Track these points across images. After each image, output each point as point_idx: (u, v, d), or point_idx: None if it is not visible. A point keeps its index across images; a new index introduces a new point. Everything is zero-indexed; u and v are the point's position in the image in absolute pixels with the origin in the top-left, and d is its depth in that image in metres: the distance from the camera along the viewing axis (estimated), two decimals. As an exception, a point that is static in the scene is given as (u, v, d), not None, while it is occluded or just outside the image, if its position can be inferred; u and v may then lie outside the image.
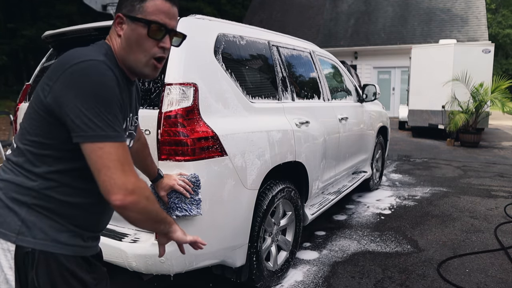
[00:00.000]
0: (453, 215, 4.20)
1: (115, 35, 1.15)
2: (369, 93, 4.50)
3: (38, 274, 1.06)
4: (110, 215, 1.29)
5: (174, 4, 1.16)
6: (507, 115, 9.81)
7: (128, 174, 1.01)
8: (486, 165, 7.00)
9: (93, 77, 0.99)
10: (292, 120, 2.76)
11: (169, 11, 1.13)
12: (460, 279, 2.79)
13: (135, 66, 1.14)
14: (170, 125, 1.92)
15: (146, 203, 1.05)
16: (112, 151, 0.99)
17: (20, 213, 1.07)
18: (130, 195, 1.00)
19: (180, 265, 1.97)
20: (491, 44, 10.68)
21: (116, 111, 1.02)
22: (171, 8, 1.14)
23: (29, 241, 1.06)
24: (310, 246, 3.37)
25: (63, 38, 2.48)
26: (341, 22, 18.61)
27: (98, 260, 1.27)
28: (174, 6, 1.16)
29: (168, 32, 1.14)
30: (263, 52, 2.75)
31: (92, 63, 1.01)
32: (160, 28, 1.11)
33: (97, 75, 1.00)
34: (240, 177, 2.17)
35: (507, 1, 35.04)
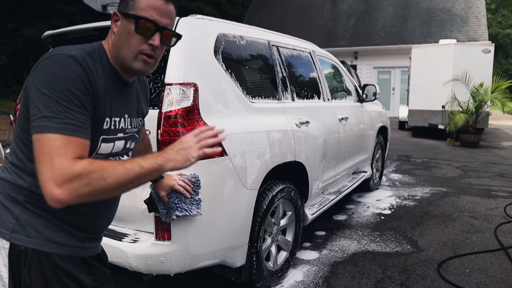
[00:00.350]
0: (453, 215, 4.20)
1: (111, 33, 1.15)
2: (369, 93, 4.50)
3: (30, 272, 1.06)
4: (109, 217, 1.28)
5: (169, 2, 1.12)
6: (507, 115, 9.82)
7: (55, 167, 0.92)
8: (486, 165, 7.00)
9: (54, 69, 0.99)
10: (292, 120, 2.76)
11: (161, 8, 1.09)
12: (460, 279, 2.79)
13: (125, 62, 1.12)
14: (170, 125, 1.92)
15: (87, 188, 0.93)
16: (46, 143, 0.93)
17: (15, 211, 1.07)
18: (59, 188, 0.91)
19: (180, 265, 1.97)
20: (491, 44, 10.68)
21: (70, 104, 0.97)
22: (164, 5, 1.10)
23: (23, 240, 1.06)
24: (310, 246, 3.37)
25: (63, 38, 2.48)
26: (341, 22, 18.61)
27: (101, 262, 1.27)
28: (169, 4, 1.12)
29: (159, 29, 1.10)
30: (263, 52, 2.75)
31: (59, 56, 1.01)
32: (148, 24, 1.08)
33: (58, 68, 0.99)
34: (240, 177, 2.17)
35: (507, 1, 35.04)
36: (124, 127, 1.19)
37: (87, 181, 0.93)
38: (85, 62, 1.03)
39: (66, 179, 0.91)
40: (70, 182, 0.91)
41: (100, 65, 1.10)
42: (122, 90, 1.18)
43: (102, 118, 1.10)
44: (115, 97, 1.14)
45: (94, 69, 1.06)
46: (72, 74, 0.99)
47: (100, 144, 1.11)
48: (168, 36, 1.13)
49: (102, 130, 1.11)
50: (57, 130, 0.94)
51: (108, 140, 1.14)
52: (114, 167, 0.97)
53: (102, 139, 1.12)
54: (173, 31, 1.15)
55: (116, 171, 0.97)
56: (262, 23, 17.99)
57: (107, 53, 1.14)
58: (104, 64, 1.11)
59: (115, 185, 0.97)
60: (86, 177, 0.93)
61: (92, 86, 1.03)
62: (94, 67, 1.07)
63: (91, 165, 0.94)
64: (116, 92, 1.15)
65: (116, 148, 1.18)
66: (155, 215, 1.92)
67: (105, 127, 1.11)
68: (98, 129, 1.09)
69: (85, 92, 1.01)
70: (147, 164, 1.02)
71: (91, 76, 1.03)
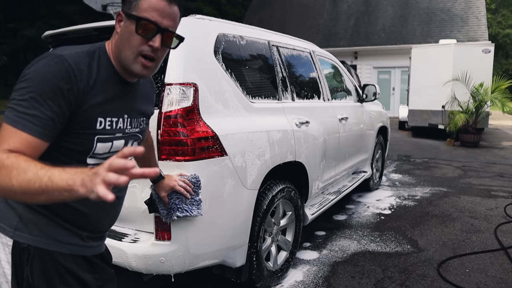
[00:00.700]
0: (453, 215, 4.20)
1: (115, 33, 1.15)
2: (369, 93, 4.50)
3: (32, 270, 1.07)
4: (112, 217, 1.28)
5: (173, 3, 1.10)
6: (507, 115, 9.81)
7: None
8: (486, 165, 6.99)
9: (36, 67, 1.01)
10: (292, 120, 2.76)
11: (164, 9, 1.08)
12: (460, 279, 2.79)
13: (125, 63, 1.11)
14: (170, 125, 1.92)
15: None
16: (1, 131, 0.97)
17: (18, 209, 1.08)
18: None
19: (180, 265, 1.97)
20: (491, 44, 10.68)
21: (33, 101, 0.97)
22: (167, 7, 1.09)
23: (26, 237, 1.07)
24: (310, 246, 3.37)
25: (63, 38, 2.48)
26: (341, 22, 18.61)
27: (104, 262, 1.27)
28: (173, 5, 1.10)
29: (161, 31, 1.09)
30: (263, 52, 2.75)
31: (48, 55, 1.03)
32: (149, 25, 1.07)
33: (40, 66, 1.00)
34: (240, 177, 2.17)
35: (507, 1, 35.04)
36: (123, 127, 1.19)
37: None
38: (73, 61, 1.03)
39: None
40: None
41: (96, 65, 1.09)
42: (122, 91, 1.17)
43: (94, 118, 1.09)
44: (113, 98, 1.14)
45: (86, 68, 1.06)
46: (49, 73, 0.99)
47: (95, 144, 1.11)
48: (169, 38, 1.12)
49: (96, 130, 1.10)
50: (11, 122, 0.97)
51: (104, 140, 1.13)
52: (26, 170, 0.87)
53: (97, 139, 1.11)
54: (175, 33, 1.13)
55: (25, 175, 0.87)
56: (262, 23, 17.98)
57: (108, 53, 1.14)
58: (103, 64, 1.11)
59: (19, 189, 0.87)
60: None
61: (74, 86, 1.02)
62: (88, 66, 1.06)
63: (7, 160, 0.89)
64: (114, 92, 1.14)
65: (114, 148, 1.17)
66: (155, 215, 1.92)
67: (99, 127, 1.11)
68: (90, 129, 1.09)
69: (58, 92, 1.00)
70: (58, 180, 0.85)
71: (77, 76, 1.03)
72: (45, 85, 0.98)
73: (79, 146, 1.08)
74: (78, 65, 1.03)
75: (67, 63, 1.01)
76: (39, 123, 0.98)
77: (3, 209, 1.10)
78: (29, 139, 0.97)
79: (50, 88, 0.99)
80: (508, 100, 9.54)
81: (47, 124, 0.99)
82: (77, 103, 1.04)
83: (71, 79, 1.01)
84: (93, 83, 1.07)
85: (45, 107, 0.98)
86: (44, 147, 1.00)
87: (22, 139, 0.96)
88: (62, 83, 1.00)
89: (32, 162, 0.91)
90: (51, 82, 0.99)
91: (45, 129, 0.99)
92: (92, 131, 1.09)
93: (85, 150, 1.10)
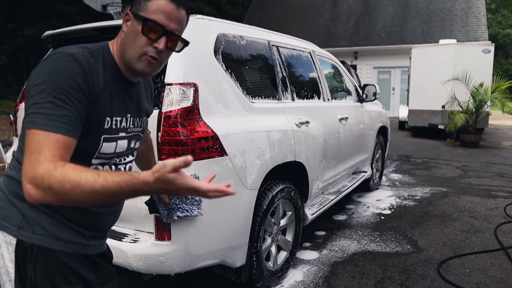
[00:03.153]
0: (453, 215, 4.20)
1: (121, 32, 1.15)
2: (369, 93, 4.50)
3: (36, 269, 1.08)
4: (114, 215, 1.29)
5: (181, 7, 1.11)
6: (507, 115, 9.81)
7: (30, 163, 0.93)
8: (486, 165, 6.99)
9: (50, 67, 1.00)
10: (292, 120, 2.76)
11: (171, 12, 1.09)
12: (460, 279, 2.79)
13: (129, 62, 1.12)
14: (170, 125, 1.92)
15: (52, 193, 0.91)
16: (30, 138, 0.95)
17: (22, 208, 1.09)
18: (29, 184, 0.92)
19: (180, 265, 1.97)
20: (491, 44, 10.68)
21: (58, 100, 0.97)
22: (175, 10, 1.09)
23: (29, 236, 1.08)
24: (310, 246, 3.37)
25: (63, 38, 2.48)
26: (341, 22, 18.61)
27: (106, 260, 1.28)
28: (181, 9, 1.11)
29: (166, 34, 1.09)
30: (263, 52, 2.75)
31: (58, 55, 1.02)
32: (155, 27, 1.08)
33: (54, 65, 1.00)
34: (240, 177, 2.17)
35: (507, 1, 35.04)
36: (126, 127, 1.19)
37: (48, 185, 0.90)
38: (84, 60, 1.03)
39: (32, 177, 0.91)
40: (35, 180, 0.91)
41: (102, 64, 1.10)
42: (125, 90, 1.18)
43: (102, 117, 1.10)
44: (117, 97, 1.15)
45: (94, 67, 1.06)
46: (66, 71, 0.99)
47: (102, 144, 1.12)
48: (174, 41, 1.12)
49: (103, 129, 1.11)
50: (41, 126, 0.95)
51: (110, 140, 1.14)
52: (81, 184, 0.89)
53: (103, 139, 1.12)
54: (180, 36, 1.14)
55: (69, 190, 0.89)
56: (262, 23, 17.98)
57: (112, 52, 1.14)
58: (107, 63, 1.12)
59: (80, 200, 0.91)
60: (48, 181, 0.90)
61: (89, 84, 1.03)
62: (95, 66, 1.07)
63: (55, 171, 0.90)
64: (118, 91, 1.15)
65: (119, 147, 1.18)
66: (155, 215, 1.92)
67: (106, 126, 1.12)
68: (98, 128, 1.09)
69: (78, 90, 1.00)
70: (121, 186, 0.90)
71: (88, 74, 1.03)
72: (65, 83, 0.98)
73: (87, 145, 1.09)
74: (88, 63, 1.04)
75: (80, 61, 1.02)
76: (70, 122, 0.98)
77: (7, 208, 1.10)
78: (65, 139, 0.97)
79: (71, 86, 0.99)
80: (508, 100, 9.54)
81: (76, 122, 1.00)
82: (91, 101, 1.05)
83: (86, 76, 1.03)
84: (102, 82, 1.08)
85: (70, 105, 0.98)
86: (74, 145, 1.01)
87: (58, 141, 0.95)
88: (80, 80, 1.01)
89: (79, 171, 0.92)
90: (71, 80, 0.99)
91: (75, 127, 1.00)
92: (99, 130, 1.10)
93: (92, 149, 1.11)
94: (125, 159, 1.24)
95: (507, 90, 9.43)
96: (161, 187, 0.90)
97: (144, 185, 0.90)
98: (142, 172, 0.91)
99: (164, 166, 0.88)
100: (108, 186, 0.90)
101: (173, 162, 0.88)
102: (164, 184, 0.89)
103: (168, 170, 0.87)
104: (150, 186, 0.89)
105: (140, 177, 0.90)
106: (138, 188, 0.90)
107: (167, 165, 0.88)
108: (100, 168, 1.16)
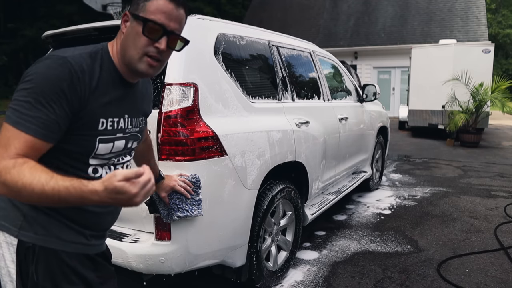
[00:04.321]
0: (453, 215, 4.20)
1: (120, 32, 1.15)
2: (369, 93, 4.50)
3: (37, 269, 1.08)
4: (114, 215, 1.30)
5: (180, 6, 1.11)
6: (507, 115, 9.80)
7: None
8: (486, 165, 6.99)
9: (39, 68, 1.01)
10: (292, 120, 2.76)
11: (171, 12, 1.09)
12: (460, 279, 2.79)
13: (130, 63, 1.12)
14: (170, 125, 1.91)
15: (5, 188, 0.94)
16: (3, 131, 0.98)
17: (23, 208, 1.09)
18: None
19: (180, 265, 1.97)
20: (491, 44, 10.68)
21: (36, 102, 0.98)
22: (174, 10, 1.10)
23: (30, 236, 1.08)
24: (310, 246, 3.37)
25: (63, 38, 2.48)
26: (341, 22, 18.61)
27: (105, 259, 1.28)
28: (180, 9, 1.11)
29: (167, 33, 1.10)
30: (263, 52, 2.75)
31: (51, 57, 1.03)
32: (156, 27, 1.08)
33: (43, 67, 1.01)
34: (240, 177, 2.17)
35: (507, 1, 35.04)
36: (124, 127, 1.19)
37: (3, 181, 0.93)
38: (76, 63, 1.03)
39: None
40: None
41: (99, 66, 1.10)
42: (123, 91, 1.18)
43: (96, 119, 1.10)
44: (115, 98, 1.14)
45: (88, 70, 1.06)
46: (52, 75, 1.00)
47: (97, 145, 1.12)
48: (174, 40, 1.13)
49: (98, 131, 1.11)
50: (14, 123, 0.97)
51: (106, 141, 1.14)
52: (32, 184, 0.92)
53: (99, 140, 1.12)
54: (180, 35, 1.14)
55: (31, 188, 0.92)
56: (262, 23, 17.98)
57: (111, 53, 1.14)
58: (105, 65, 1.11)
59: (30, 199, 0.95)
60: (3, 177, 0.93)
61: (77, 88, 1.03)
62: (90, 68, 1.07)
63: (13, 169, 0.93)
64: (116, 93, 1.14)
65: (116, 148, 1.18)
66: (155, 215, 1.92)
67: (101, 128, 1.11)
68: (92, 130, 1.09)
69: (61, 95, 1.00)
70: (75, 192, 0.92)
71: (80, 77, 1.03)
72: (48, 87, 0.99)
73: (81, 147, 1.09)
74: (81, 66, 1.04)
75: (70, 65, 1.02)
76: (42, 125, 0.98)
77: (8, 209, 1.11)
78: (33, 141, 0.98)
79: (53, 90, 0.99)
80: (508, 100, 9.54)
81: (49, 126, 1.00)
82: (80, 104, 1.04)
83: (73, 81, 1.02)
84: (96, 84, 1.08)
85: (48, 108, 0.99)
86: (47, 148, 1.02)
87: (26, 141, 0.97)
88: (65, 85, 1.01)
89: (35, 169, 0.94)
90: (54, 84, 0.99)
91: (48, 130, 1.00)
92: (94, 132, 1.10)
93: (87, 151, 1.11)
94: (123, 159, 1.24)
95: (507, 90, 9.42)
96: (111, 196, 0.90)
97: (92, 193, 0.91)
98: (93, 181, 0.92)
99: (114, 175, 0.89)
100: (58, 189, 0.92)
101: (125, 172, 0.89)
102: (113, 193, 0.89)
103: (118, 179, 0.88)
104: (99, 195, 0.91)
105: (89, 185, 0.91)
106: (86, 196, 0.92)
107: (116, 174, 0.89)
108: (99, 169, 1.16)
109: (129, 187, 0.89)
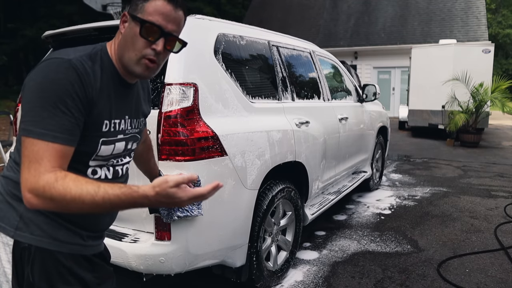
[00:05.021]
0: (453, 215, 4.20)
1: (118, 33, 1.15)
2: (369, 93, 4.50)
3: (33, 269, 1.08)
4: (112, 216, 1.29)
5: (178, 8, 1.10)
6: (507, 115, 9.81)
7: (30, 173, 0.95)
8: (486, 165, 6.99)
9: (47, 73, 1.00)
10: (292, 120, 2.76)
11: (169, 13, 1.08)
12: (460, 279, 2.79)
13: (127, 64, 1.11)
14: (170, 125, 1.91)
15: (52, 203, 0.94)
16: (29, 147, 0.96)
17: (19, 209, 1.09)
18: (29, 193, 0.95)
19: (180, 265, 1.97)
20: (491, 44, 10.67)
21: (55, 109, 0.97)
22: (173, 11, 1.09)
23: (26, 237, 1.08)
24: (310, 246, 3.37)
25: (63, 38, 2.48)
26: (341, 22, 18.61)
27: (103, 260, 1.28)
28: (178, 10, 1.10)
29: (164, 35, 1.09)
30: (263, 52, 2.75)
31: (55, 60, 1.02)
32: (153, 29, 1.07)
33: (51, 72, 0.99)
34: (240, 177, 2.17)
35: (507, 1, 35.03)
36: (124, 128, 1.19)
37: (49, 196, 0.93)
38: (81, 66, 1.03)
39: (33, 188, 0.94)
40: (36, 191, 0.94)
41: (99, 67, 1.09)
42: (123, 92, 1.17)
43: (101, 121, 1.10)
44: (115, 99, 1.14)
45: (91, 71, 1.06)
46: (63, 79, 0.99)
47: (100, 147, 1.11)
48: (172, 42, 1.12)
49: (102, 132, 1.11)
50: (39, 136, 0.96)
51: (108, 142, 1.14)
52: (82, 196, 0.92)
53: (102, 142, 1.11)
54: (178, 37, 1.13)
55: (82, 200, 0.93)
56: (262, 23, 17.97)
57: (110, 54, 1.14)
58: (105, 66, 1.11)
59: (80, 210, 0.95)
60: (49, 192, 0.93)
61: (86, 90, 1.03)
62: (92, 69, 1.06)
63: (56, 183, 0.93)
64: (116, 93, 1.14)
65: (116, 149, 1.18)
66: (155, 215, 1.92)
67: (105, 130, 1.11)
68: (97, 131, 1.09)
69: (75, 98, 1.00)
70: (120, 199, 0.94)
71: (85, 80, 1.03)
72: (63, 92, 0.98)
73: (85, 149, 1.09)
74: (85, 69, 1.04)
75: (76, 67, 1.02)
76: (67, 132, 0.99)
77: (4, 209, 1.10)
78: (63, 149, 0.99)
79: (68, 94, 0.99)
80: (508, 100, 9.54)
81: (73, 131, 1.00)
82: (90, 106, 1.05)
83: (83, 83, 1.02)
84: (99, 85, 1.08)
85: (67, 114, 0.99)
86: (73, 151, 1.03)
87: (56, 151, 0.97)
88: (76, 87, 1.01)
89: (78, 181, 0.95)
90: (68, 88, 0.99)
91: (73, 135, 1.01)
92: (98, 134, 1.10)
93: (89, 152, 1.10)
94: (122, 160, 1.24)
95: (507, 90, 9.42)
96: (160, 200, 0.93)
97: (144, 198, 0.94)
98: (142, 186, 0.94)
99: (166, 181, 0.92)
100: (108, 198, 0.93)
101: (176, 178, 0.93)
102: (164, 198, 0.93)
103: (170, 185, 0.92)
104: (149, 200, 0.94)
105: (140, 190, 0.93)
106: (137, 201, 0.95)
107: (169, 180, 0.92)
108: (98, 170, 1.16)
109: (181, 193, 0.93)
